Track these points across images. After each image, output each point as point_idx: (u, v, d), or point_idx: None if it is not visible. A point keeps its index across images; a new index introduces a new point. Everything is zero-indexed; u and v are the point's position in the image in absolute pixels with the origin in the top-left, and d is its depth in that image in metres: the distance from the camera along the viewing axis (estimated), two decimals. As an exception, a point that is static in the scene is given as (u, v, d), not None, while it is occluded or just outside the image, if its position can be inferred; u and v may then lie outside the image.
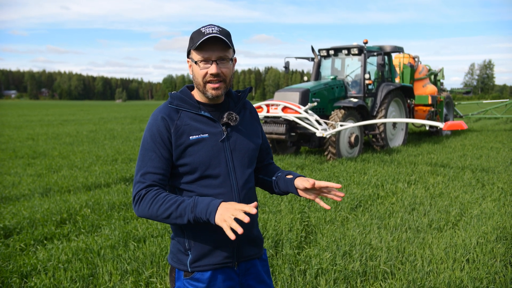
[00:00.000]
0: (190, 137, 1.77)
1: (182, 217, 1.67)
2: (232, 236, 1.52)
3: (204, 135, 1.80)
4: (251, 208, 1.55)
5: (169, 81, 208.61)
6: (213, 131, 1.82)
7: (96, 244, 4.45)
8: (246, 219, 1.51)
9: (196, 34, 1.75)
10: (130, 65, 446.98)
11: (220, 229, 1.73)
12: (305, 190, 1.86)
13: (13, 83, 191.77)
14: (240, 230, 1.51)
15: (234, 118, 1.85)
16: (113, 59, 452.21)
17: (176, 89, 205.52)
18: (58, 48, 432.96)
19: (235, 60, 1.87)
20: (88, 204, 6.00)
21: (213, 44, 1.74)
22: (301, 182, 1.84)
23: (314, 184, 1.79)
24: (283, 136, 9.90)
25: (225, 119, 1.84)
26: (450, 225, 5.07)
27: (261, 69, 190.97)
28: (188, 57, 1.84)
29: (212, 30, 1.73)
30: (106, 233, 4.81)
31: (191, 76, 1.85)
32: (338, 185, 1.77)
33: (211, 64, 1.75)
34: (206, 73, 1.76)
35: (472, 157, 9.96)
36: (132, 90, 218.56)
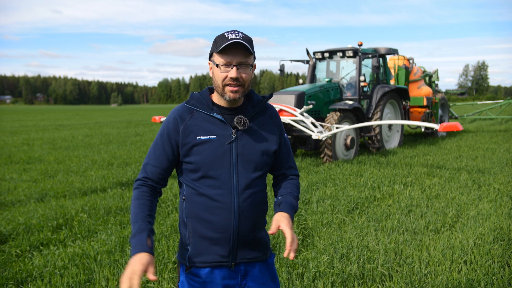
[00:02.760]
0: (197, 137, 1.86)
1: (131, 234, 1.79)
2: None
3: (212, 136, 1.87)
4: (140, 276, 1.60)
5: (165, 85, 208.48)
6: (222, 133, 1.88)
7: (92, 249, 4.42)
8: None
9: (220, 38, 1.82)
10: (124, 69, 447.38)
11: (216, 229, 1.84)
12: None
13: (7, 88, 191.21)
14: None
15: (243, 123, 1.89)
16: (107, 63, 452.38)
17: (172, 92, 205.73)
18: (51, 52, 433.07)
19: (255, 66, 1.92)
20: (84, 209, 5.97)
21: (236, 49, 1.80)
22: (275, 222, 1.86)
23: (279, 227, 1.84)
24: (279, 139, 9.88)
25: (234, 123, 1.89)
26: (447, 226, 5.08)
27: (256, 72, 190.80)
28: (209, 59, 1.92)
29: (236, 35, 1.80)
30: (103, 238, 4.79)
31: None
32: (292, 256, 1.80)
33: (232, 68, 1.82)
34: (226, 76, 1.83)
35: (468, 158, 10.00)
36: (127, 94, 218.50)
